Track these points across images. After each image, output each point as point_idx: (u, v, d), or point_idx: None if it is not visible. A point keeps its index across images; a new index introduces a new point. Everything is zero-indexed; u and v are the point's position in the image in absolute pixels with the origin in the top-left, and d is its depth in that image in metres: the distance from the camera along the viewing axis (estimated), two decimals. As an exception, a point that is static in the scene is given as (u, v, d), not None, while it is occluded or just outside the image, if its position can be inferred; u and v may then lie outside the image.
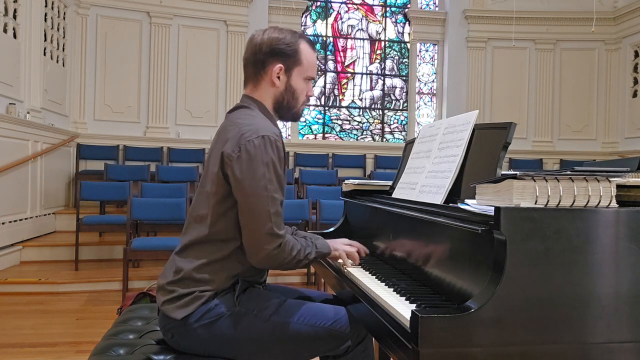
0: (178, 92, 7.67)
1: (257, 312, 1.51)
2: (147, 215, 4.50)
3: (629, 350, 1.13)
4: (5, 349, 3.09)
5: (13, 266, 4.99)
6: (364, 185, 2.29)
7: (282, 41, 1.56)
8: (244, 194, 1.45)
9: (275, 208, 1.45)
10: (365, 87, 8.82)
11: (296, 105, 1.63)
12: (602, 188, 1.14)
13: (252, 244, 1.46)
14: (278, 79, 1.57)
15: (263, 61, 1.56)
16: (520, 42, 8.16)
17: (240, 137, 1.46)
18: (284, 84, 1.59)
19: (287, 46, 1.56)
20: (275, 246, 1.45)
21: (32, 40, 5.72)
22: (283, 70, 1.57)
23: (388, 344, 1.23)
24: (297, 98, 1.62)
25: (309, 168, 7.79)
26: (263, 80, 1.59)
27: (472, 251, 1.23)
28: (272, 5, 8.05)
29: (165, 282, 1.54)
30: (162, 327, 1.54)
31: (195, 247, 1.52)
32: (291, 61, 1.57)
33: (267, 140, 1.45)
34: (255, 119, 1.52)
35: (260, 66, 1.57)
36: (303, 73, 1.60)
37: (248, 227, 1.46)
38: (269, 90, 1.59)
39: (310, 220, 4.74)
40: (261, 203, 1.43)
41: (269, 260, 1.47)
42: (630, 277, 1.13)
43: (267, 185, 1.44)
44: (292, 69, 1.58)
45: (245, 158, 1.44)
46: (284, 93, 1.59)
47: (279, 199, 1.47)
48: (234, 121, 1.54)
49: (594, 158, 7.94)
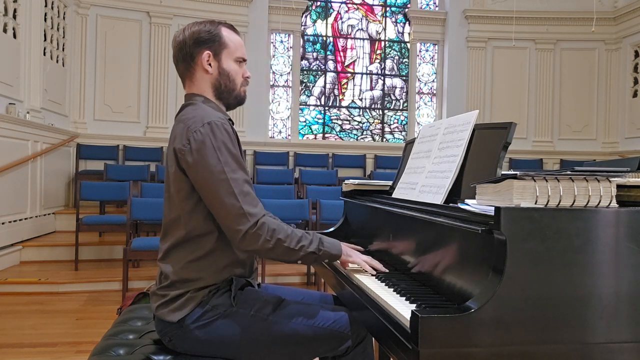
0: (178, 92, 7.66)
1: (255, 312, 1.50)
2: (147, 215, 4.50)
3: (629, 350, 1.13)
4: (5, 349, 3.09)
5: (13, 266, 5.00)
6: (364, 185, 2.29)
7: (202, 30, 1.59)
8: (204, 183, 1.44)
9: (240, 188, 1.44)
10: (365, 87, 8.82)
11: (235, 87, 1.64)
12: (602, 188, 1.14)
13: (227, 229, 1.45)
14: (210, 66, 1.60)
15: (191, 53, 1.59)
16: (520, 42, 8.16)
17: (187, 130, 1.47)
18: (217, 69, 1.61)
19: (208, 33, 1.59)
20: (250, 225, 1.42)
21: (32, 40, 5.72)
22: (211, 56, 1.59)
23: (388, 344, 1.23)
24: (234, 80, 1.63)
25: (309, 168, 7.79)
26: (196, 72, 1.61)
27: (472, 251, 1.23)
28: (272, 5, 8.05)
29: (156, 288, 1.54)
30: (159, 332, 1.54)
31: (176, 250, 1.52)
32: (216, 46, 1.60)
33: (213, 125, 1.46)
34: (198, 111, 1.54)
35: (189, 59, 1.60)
36: (232, 55, 1.62)
37: (219, 215, 1.45)
38: (205, 79, 1.61)
39: (310, 220, 4.73)
40: (223, 187, 1.43)
41: (249, 241, 1.43)
42: (630, 277, 1.13)
43: (223, 168, 1.43)
44: (220, 53, 1.60)
45: (195, 147, 1.44)
46: (219, 78, 1.61)
47: (240, 178, 1.46)
48: (179, 119, 1.56)
49: (594, 158, 7.95)
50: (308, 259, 1.54)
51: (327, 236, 1.66)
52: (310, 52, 8.65)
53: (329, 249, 1.57)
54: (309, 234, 1.54)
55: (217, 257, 1.52)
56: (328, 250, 1.56)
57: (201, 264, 1.50)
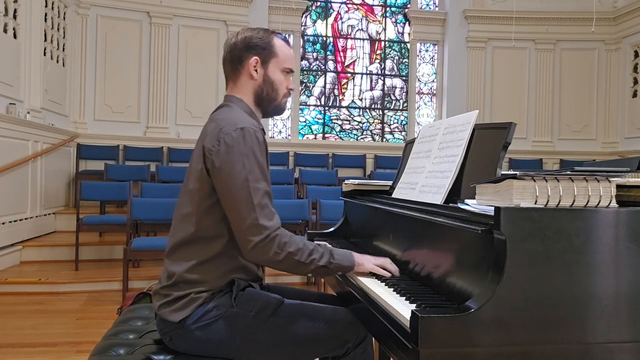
0: (178, 92, 7.67)
1: (256, 313, 1.50)
2: (147, 215, 4.50)
3: (628, 350, 1.13)
4: (5, 349, 3.09)
5: (13, 266, 4.99)
6: (364, 185, 2.29)
7: (255, 36, 1.61)
8: (225, 187, 1.44)
9: (259, 199, 1.44)
10: (365, 87, 8.82)
11: (277, 97, 1.65)
12: (602, 188, 1.14)
13: (238, 236, 1.45)
14: (256, 72, 1.61)
15: (240, 57, 1.60)
16: (520, 42, 8.16)
17: (219, 131, 1.47)
18: (262, 76, 1.61)
19: (260, 40, 1.60)
20: (262, 238, 1.42)
21: (32, 40, 5.72)
22: (259, 62, 1.60)
23: (388, 344, 1.23)
24: (277, 90, 1.64)
25: (309, 168, 7.79)
26: (241, 75, 1.62)
27: (472, 251, 1.23)
28: (272, 5, 8.05)
29: (159, 287, 1.54)
30: (160, 331, 1.54)
31: (184, 248, 1.52)
32: (266, 53, 1.61)
33: (245, 132, 1.46)
34: (233, 114, 1.54)
35: (237, 62, 1.61)
36: (280, 65, 1.63)
37: (233, 221, 1.45)
38: (248, 84, 1.62)
39: (310, 220, 4.73)
40: (243, 194, 1.42)
41: (257, 253, 1.43)
42: (630, 277, 1.13)
43: (247, 176, 1.43)
44: (269, 61, 1.61)
45: (224, 150, 1.45)
46: (263, 85, 1.62)
47: (262, 189, 1.45)
48: (213, 118, 1.57)
49: (594, 158, 7.94)
50: (319, 272, 1.52)
51: (329, 236, 1.65)
52: (310, 52, 8.65)
53: (341, 261, 1.55)
54: (320, 247, 1.52)
55: (223, 261, 1.52)
56: (339, 262, 1.54)
57: (207, 267, 1.50)
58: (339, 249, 1.59)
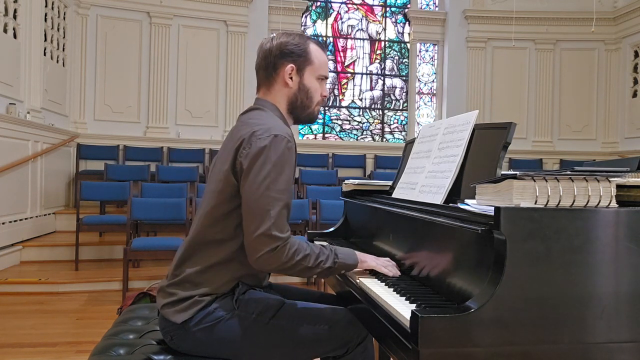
0: (178, 92, 7.67)
1: (257, 315, 1.50)
2: (147, 215, 4.50)
3: (629, 350, 1.13)
4: (5, 349, 3.09)
5: (13, 266, 4.99)
6: (364, 185, 2.29)
7: (291, 43, 1.57)
8: (247, 191, 1.42)
9: (277, 210, 1.41)
10: (365, 87, 8.82)
11: (311, 105, 1.62)
12: (602, 188, 1.14)
13: (247, 242, 1.43)
14: (291, 80, 1.58)
15: (274, 63, 1.57)
16: (520, 42, 8.16)
17: (252, 135, 1.45)
18: (297, 84, 1.59)
19: (296, 46, 1.57)
20: (270, 249, 1.39)
21: (32, 40, 5.72)
22: (295, 70, 1.57)
23: (388, 344, 1.23)
24: (312, 97, 1.61)
25: (309, 168, 7.79)
26: (276, 83, 1.59)
27: (472, 251, 1.23)
28: (272, 5, 8.04)
29: (166, 284, 1.54)
30: (161, 329, 1.55)
31: (199, 248, 1.51)
32: (302, 60, 1.58)
33: (279, 139, 1.43)
34: (268, 119, 1.52)
35: (271, 69, 1.58)
36: (315, 72, 1.60)
37: (247, 226, 1.43)
38: (282, 92, 1.59)
39: (310, 220, 4.73)
40: (261, 202, 1.40)
41: (264, 262, 1.41)
42: (630, 277, 1.13)
43: (269, 185, 1.40)
44: (304, 69, 1.58)
45: (253, 154, 1.42)
46: (298, 93, 1.59)
47: (282, 200, 1.42)
48: (246, 121, 1.54)
49: (594, 158, 7.94)
50: (325, 273, 1.52)
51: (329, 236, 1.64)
52: (310, 52, 8.64)
53: (345, 260, 1.54)
54: (325, 249, 1.51)
55: (233, 267, 1.50)
56: (344, 261, 1.54)
57: (217, 271, 1.49)
58: (341, 248, 1.58)
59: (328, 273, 1.53)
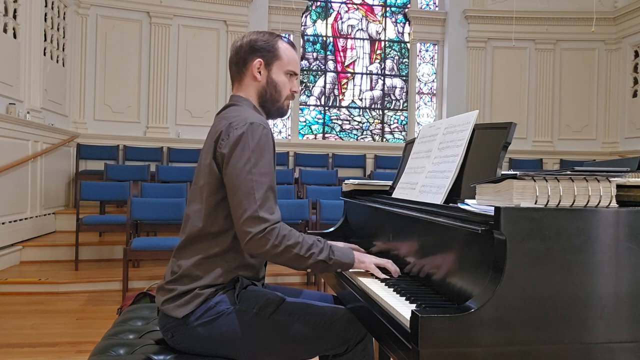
0: (178, 92, 7.67)
1: (258, 310, 1.51)
2: (147, 215, 4.50)
3: (629, 350, 1.13)
4: (5, 349, 3.09)
5: (13, 266, 4.99)
6: (364, 185, 2.29)
7: (260, 39, 1.65)
8: (230, 178, 1.47)
9: (261, 192, 1.45)
10: (365, 87, 8.82)
11: (280, 99, 1.68)
12: (602, 188, 1.14)
13: (237, 227, 1.47)
14: (259, 74, 1.65)
15: (244, 59, 1.65)
16: (520, 42, 8.16)
17: (229, 126, 1.51)
18: (265, 78, 1.65)
19: (265, 43, 1.65)
20: (259, 230, 1.42)
21: (32, 40, 5.72)
22: (263, 64, 1.64)
23: (388, 343, 1.23)
24: (280, 92, 1.67)
25: (309, 168, 7.79)
26: (246, 77, 1.66)
27: (472, 251, 1.23)
28: (272, 5, 8.04)
29: (164, 282, 1.55)
30: (161, 327, 1.55)
31: (192, 243, 1.54)
32: (270, 56, 1.65)
33: (254, 126, 1.49)
34: (242, 111, 1.58)
35: (242, 63, 1.66)
36: (283, 67, 1.66)
37: (234, 213, 1.47)
38: (252, 85, 1.66)
39: (310, 220, 4.74)
40: (245, 186, 1.45)
41: (255, 245, 1.43)
42: (630, 277, 1.13)
43: (251, 169, 1.46)
44: (272, 63, 1.65)
45: (232, 143, 1.48)
46: (266, 87, 1.66)
47: (265, 183, 1.47)
48: (223, 116, 1.60)
49: (594, 158, 7.95)
50: (318, 267, 1.52)
51: (329, 236, 1.65)
52: (310, 52, 8.65)
53: (340, 258, 1.54)
54: (320, 242, 1.52)
55: (229, 257, 1.53)
56: (339, 259, 1.54)
57: (213, 262, 1.52)
58: (339, 246, 1.59)
59: (322, 268, 1.53)
